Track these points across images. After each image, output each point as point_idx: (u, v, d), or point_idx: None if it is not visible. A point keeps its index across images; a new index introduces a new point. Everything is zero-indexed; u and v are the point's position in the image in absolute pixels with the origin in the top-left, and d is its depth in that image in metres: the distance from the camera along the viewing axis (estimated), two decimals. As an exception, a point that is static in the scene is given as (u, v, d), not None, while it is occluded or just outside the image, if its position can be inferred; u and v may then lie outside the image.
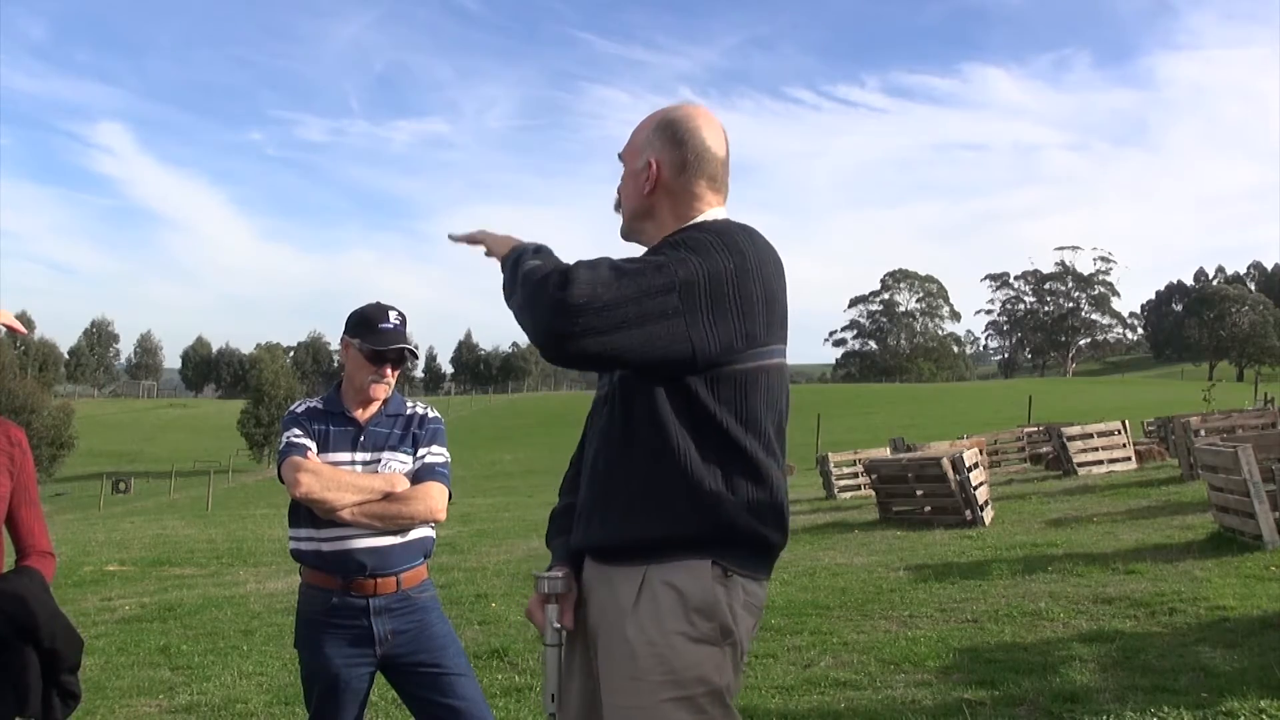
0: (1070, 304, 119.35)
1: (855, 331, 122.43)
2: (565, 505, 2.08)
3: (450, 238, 2.06)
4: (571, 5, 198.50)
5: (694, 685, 1.77)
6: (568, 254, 1.80)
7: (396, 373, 2.99)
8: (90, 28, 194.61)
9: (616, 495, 1.87)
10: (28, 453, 2.45)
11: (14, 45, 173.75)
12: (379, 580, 2.86)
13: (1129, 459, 15.90)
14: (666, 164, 1.97)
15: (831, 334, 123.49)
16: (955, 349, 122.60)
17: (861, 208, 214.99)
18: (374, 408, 2.98)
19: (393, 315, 2.98)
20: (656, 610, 1.78)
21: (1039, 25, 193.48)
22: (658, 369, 1.78)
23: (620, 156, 2.07)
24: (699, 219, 1.95)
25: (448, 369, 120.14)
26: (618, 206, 2.07)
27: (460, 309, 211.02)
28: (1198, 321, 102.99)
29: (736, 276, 1.78)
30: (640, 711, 1.76)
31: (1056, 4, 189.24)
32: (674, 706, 1.76)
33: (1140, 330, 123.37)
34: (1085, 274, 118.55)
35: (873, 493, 12.84)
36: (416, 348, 3.05)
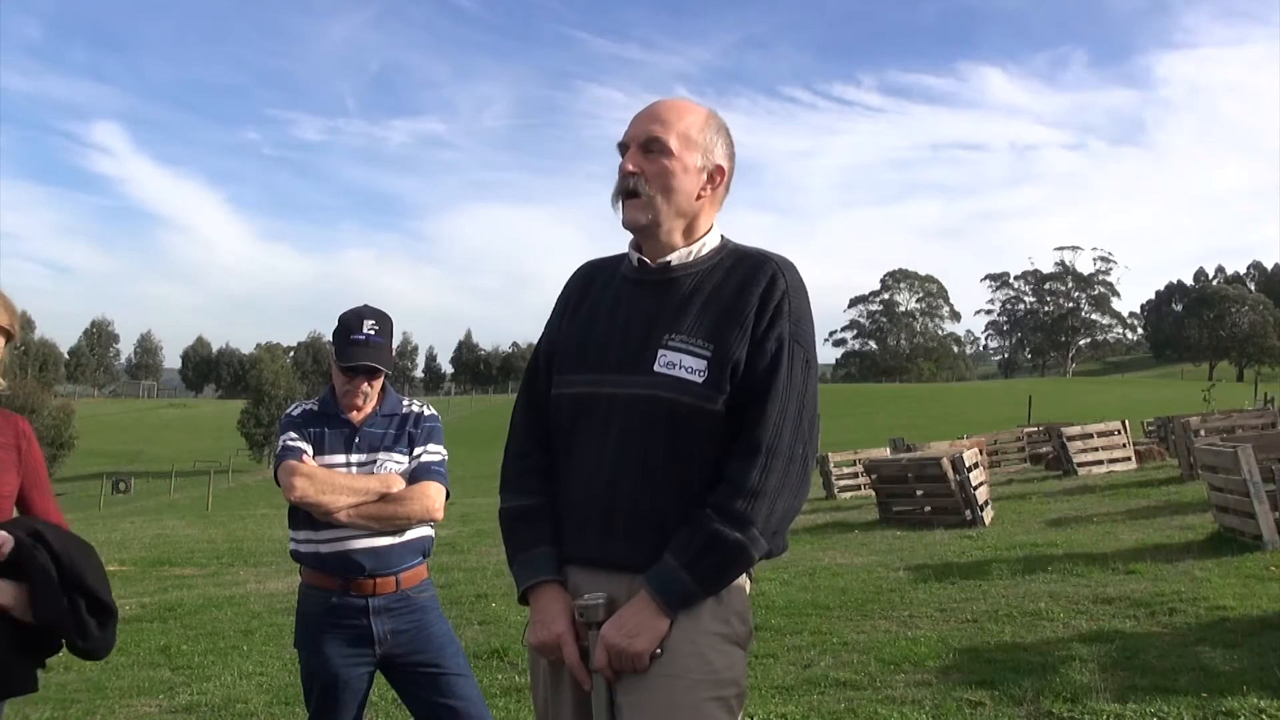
0: (1070, 304, 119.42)
1: (855, 331, 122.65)
2: (538, 505, 1.91)
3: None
4: (567, 4, 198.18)
5: (729, 686, 1.77)
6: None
7: (377, 383, 2.95)
8: (85, 27, 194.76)
9: (654, 510, 1.79)
10: (34, 441, 2.47)
11: (10, 45, 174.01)
12: (378, 580, 2.86)
13: (1129, 459, 15.91)
14: (728, 174, 1.92)
15: (831, 334, 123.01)
16: (955, 349, 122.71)
17: (859, 207, 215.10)
18: (368, 408, 2.97)
19: (367, 325, 2.91)
20: (695, 610, 1.75)
21: (1035, 24, 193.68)
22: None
23: (656, 138, 1.84)
24: (713, 233, 1.93)
25: (448, 369, 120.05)
26: (629, 194, 1.85)
27: (460, 309, 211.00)
28: (1198, 321, 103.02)
29: None
30: (678, 711, 1.72)
31: (1052, 2, 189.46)
32: (714, 706, 1.74)
33: (1140, 330, 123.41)
34: (1085, 274, 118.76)
35: (873, 493, 12.84)
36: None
